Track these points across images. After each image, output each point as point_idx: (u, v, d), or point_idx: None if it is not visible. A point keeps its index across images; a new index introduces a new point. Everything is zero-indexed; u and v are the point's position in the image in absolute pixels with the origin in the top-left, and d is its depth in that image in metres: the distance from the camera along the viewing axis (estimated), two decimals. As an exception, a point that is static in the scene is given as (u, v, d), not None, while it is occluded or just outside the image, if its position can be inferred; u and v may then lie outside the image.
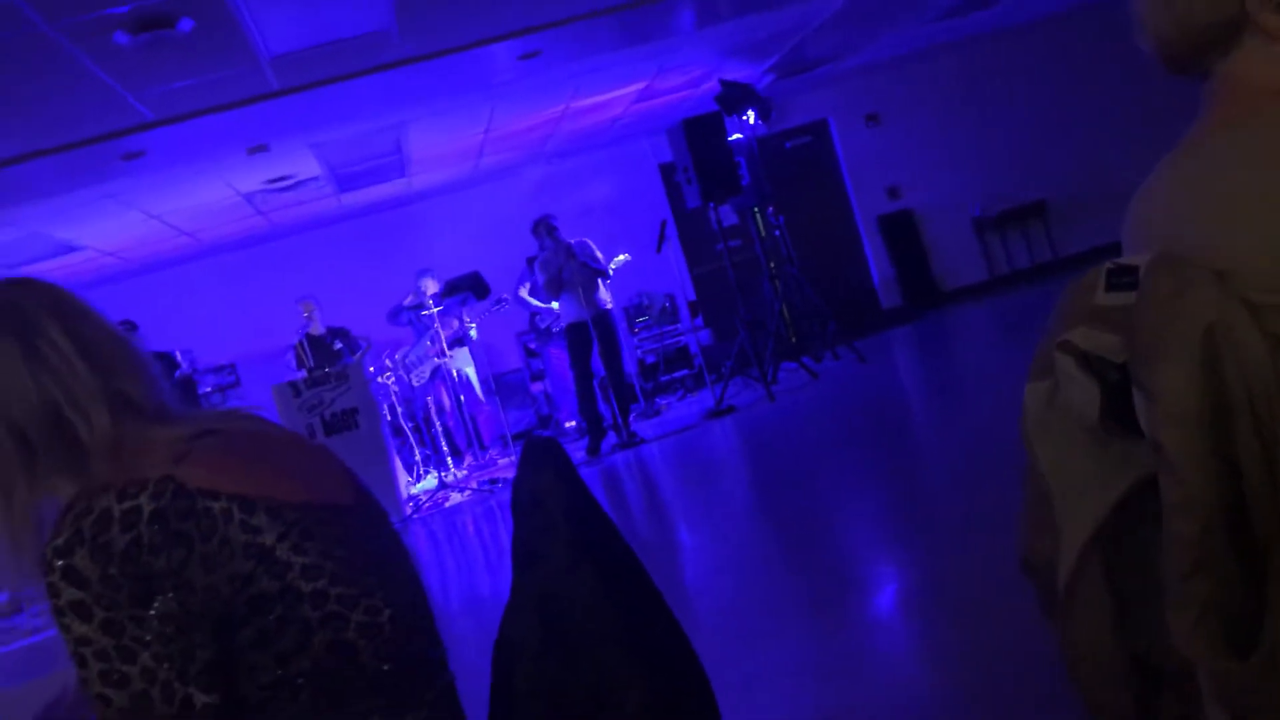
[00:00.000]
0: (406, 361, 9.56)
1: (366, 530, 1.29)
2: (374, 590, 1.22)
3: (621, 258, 9.50)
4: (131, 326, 9.34)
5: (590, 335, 8.58)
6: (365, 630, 1.21)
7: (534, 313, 9.93)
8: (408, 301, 9.60)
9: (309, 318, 9.21)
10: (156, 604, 1.13)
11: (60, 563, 1.13)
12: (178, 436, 1.25)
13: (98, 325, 1.31)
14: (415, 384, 9.52)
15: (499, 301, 9.45)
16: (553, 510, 1.19)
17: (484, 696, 1.30)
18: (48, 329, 1.24)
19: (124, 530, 1.14)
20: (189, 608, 1.15)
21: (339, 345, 9.23)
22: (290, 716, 1.18)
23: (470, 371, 9.81)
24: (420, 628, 1.30)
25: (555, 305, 9.17)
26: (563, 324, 8.89)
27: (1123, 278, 1.20)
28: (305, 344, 9.14)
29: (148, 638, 1.12)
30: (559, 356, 9.72)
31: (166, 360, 9.28)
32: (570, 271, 8.55)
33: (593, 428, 8.70)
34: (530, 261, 9.68)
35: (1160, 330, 1.10)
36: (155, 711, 1.12)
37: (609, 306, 8.82)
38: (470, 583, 5.70)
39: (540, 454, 1.23)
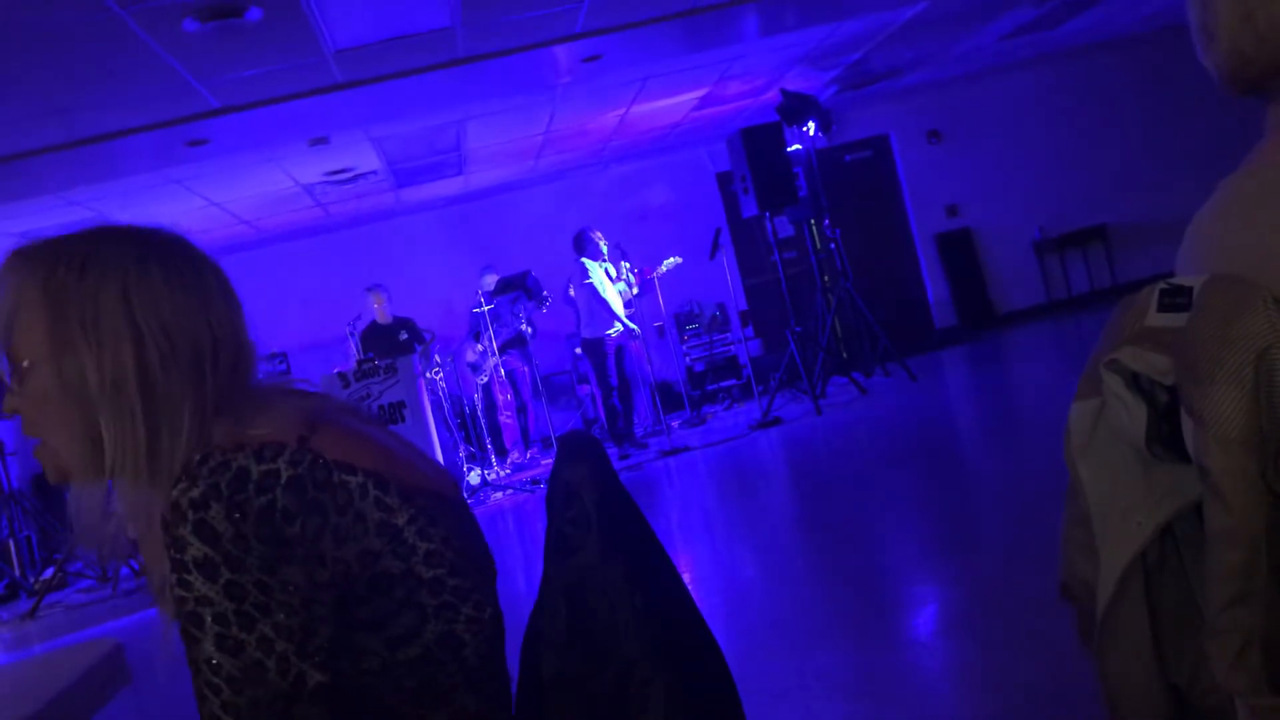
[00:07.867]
0: (471, 361, 9.62)
1: (470, 527, 1.27)
2: (480, 586, 1.21)
3: (671, 260, 9.51)
4: (282, 358, 9.55)
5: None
6: (472, 625, 1.18)
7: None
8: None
9: (379, 307, 9.30)
10: (284, 572, 1.08)
11: (194, 515, 1.07)
12: (302, 408, 1.21)
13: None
14: (481, 381, 9.60)
15: (544, 300, 9.48)
16: (586, 502, 1.19)
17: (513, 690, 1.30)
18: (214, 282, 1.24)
19: (260, 492, 1.09)
20: (316, 580, 1.10)
21: (404, 335, 9.29)
22: (385, 707, 1.15)
23: (525, 370, 9.87)
24: (504, 634, 1.28)
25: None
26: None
27: (1175, 298, 1.17)
28: (371, 331, 9.20)
29: (271, 606, 1.07)
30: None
31: None
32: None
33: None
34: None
35: (1212, 352, 1.07)
36: (268, 683, 1.06)
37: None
38: (507, 581, 5.71)
39: (576, 447, 1.23)
